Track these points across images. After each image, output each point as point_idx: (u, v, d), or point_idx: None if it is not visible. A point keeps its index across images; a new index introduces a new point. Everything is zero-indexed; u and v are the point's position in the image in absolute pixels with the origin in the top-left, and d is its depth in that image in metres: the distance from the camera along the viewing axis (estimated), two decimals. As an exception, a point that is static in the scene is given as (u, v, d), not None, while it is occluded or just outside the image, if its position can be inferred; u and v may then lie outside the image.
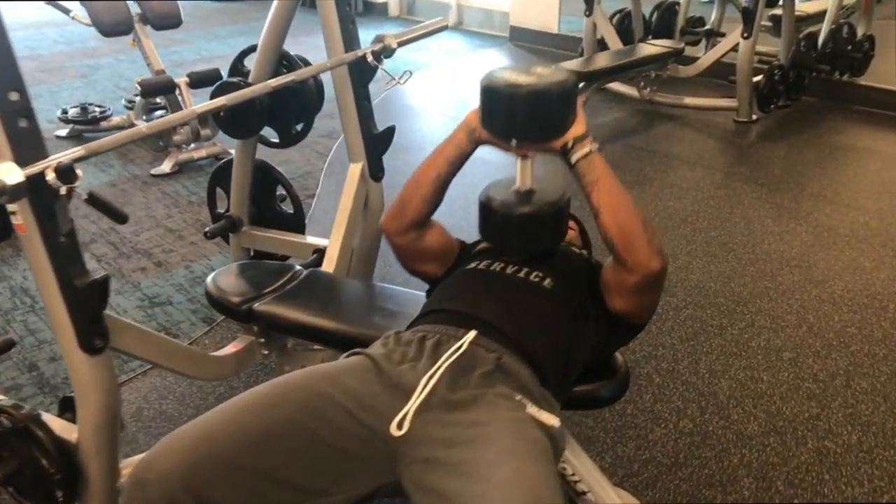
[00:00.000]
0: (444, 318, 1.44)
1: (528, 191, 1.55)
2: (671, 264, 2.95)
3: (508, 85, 1.39)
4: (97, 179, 3.94)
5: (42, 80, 5.80)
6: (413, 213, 1.58)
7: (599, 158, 1.45)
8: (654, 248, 1.40)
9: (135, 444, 2.10)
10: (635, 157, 4.16)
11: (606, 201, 1.44)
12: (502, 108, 1.43)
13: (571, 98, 1.43)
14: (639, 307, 1.51)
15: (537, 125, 1.43)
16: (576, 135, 1.44)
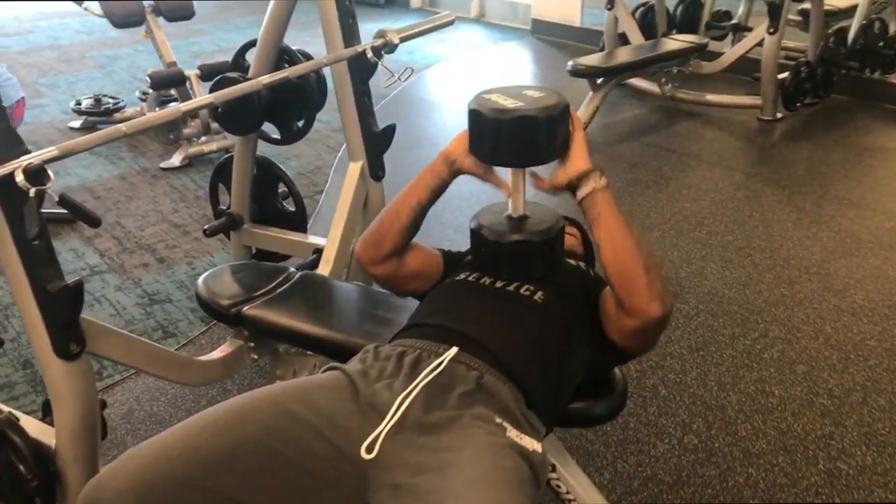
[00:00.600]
0: (426, 333, 1.38)
1: (520, 217, 1.49)
2: (684, 269, 2.87)
3: (495, 110, 1.35)
4: (107, 172, 3.92)
5: (61, 70, 5.81)
6: (391, 242, 1.52)
7: (603, 195, 1.37)
8: (655, 294, 1.31)
9: (122, 448, 2.06)
10: (653, 156, 4.05)
11: (606, 239, 1.36)
12: (488, 134, 1.39)
13: (560, 124, 1.37)
14: (636, 348, 1.45)
15: (523, 152, 1.38)
16: (578, 172, 1.38)
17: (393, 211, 1.51)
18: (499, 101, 1.37)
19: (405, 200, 1.50)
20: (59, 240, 3.21)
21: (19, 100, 3.12)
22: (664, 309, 1.32)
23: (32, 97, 5.19)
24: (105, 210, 3.49)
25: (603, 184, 1.37)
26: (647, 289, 1.31)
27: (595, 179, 1.37)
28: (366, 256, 1.56)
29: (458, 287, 1.51)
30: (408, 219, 1.50)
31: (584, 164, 1.38)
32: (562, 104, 1.36)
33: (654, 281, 1.32)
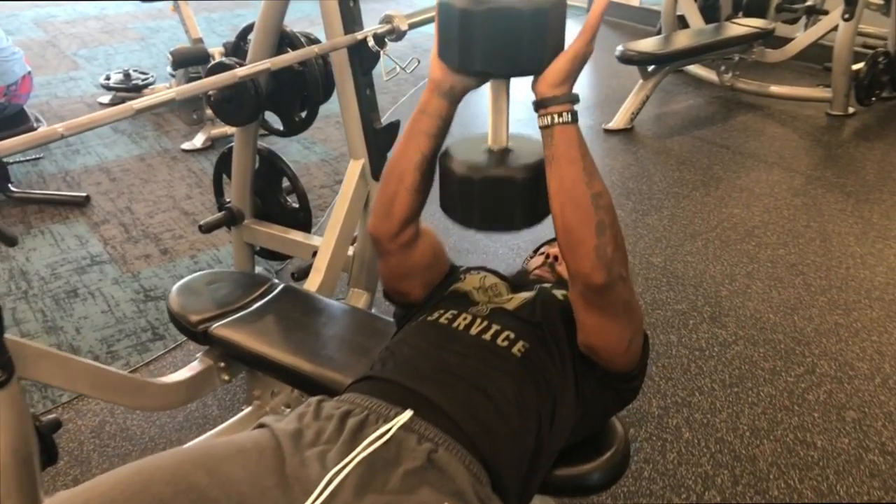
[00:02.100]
0: (380, 390, 1.17)
1: (501, 150, 1.21)
2: (726, 287, 2.58)
3: (473, 2, 1.05)
4: (127, 152, 3.80)
5: (102, 41, 5.73)
6: (403, 208, 1.26)
7: (563, 133, 1.10)
8: (603, 261, 1.09)
9: (86, 466, 1.91)
10: (705, 153, 3.71)
11: (557, 187, 1.11)
12: (456, 31, 1.09)
13: (552, 24, 1.08)
14: (598, 336, 1.20)
15: (500, 56, 1.08)
16: (541, 94, 1.11)
17: (396, 174, 1.25)
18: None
19: (405, 157, 1.23)
20: (66, 224, 3.09)
21: (25, 75, 2.99)
22: (608, 278, 1.10)
23: (70, 69, 5.13)
24: (118, 194, 3.36)
25: (565, 119, 1.10)
26: (593, 252, 1.08)
27: (558, 110, 1.10)
28: (380, 230, 1.29)
29: (426, 331, 1.29)
30: (415, 178, 1.23)
31: (548, 87, 1.10)
32: (559, 2, 1.07)
33: (604, 245, 1.09)
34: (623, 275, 1.14)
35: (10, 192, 3.23)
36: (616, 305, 1.17)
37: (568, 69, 1.10)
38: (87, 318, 2.49)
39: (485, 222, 1.21)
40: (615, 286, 1.13)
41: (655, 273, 2.69)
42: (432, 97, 1.21)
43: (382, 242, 1.32)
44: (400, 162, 1.25)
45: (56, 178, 3.52)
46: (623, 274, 1.14)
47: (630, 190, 3.34)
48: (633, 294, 1.24)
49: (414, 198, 1.26)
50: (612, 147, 3.82)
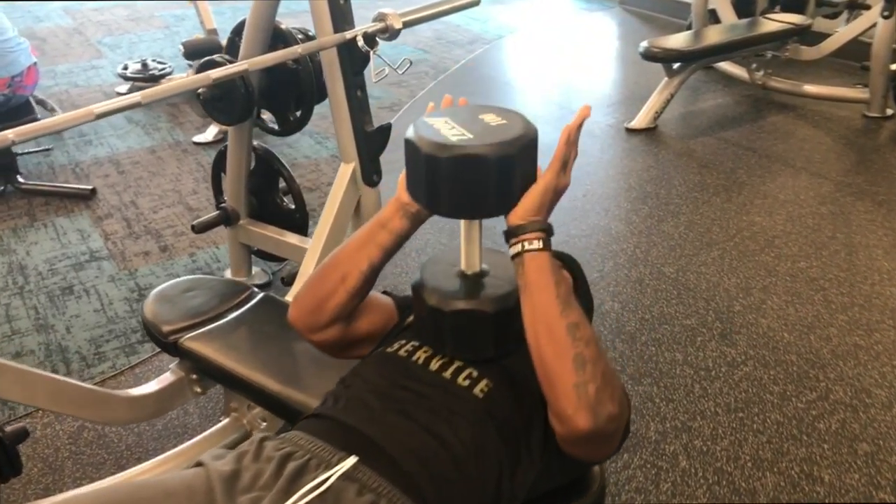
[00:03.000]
0: (326, 430, 1.09)
1: (475, 274, 1.16)
2: (739, 302, 2.45)
3: (432, 143, 1.01)
4: (139, 143, 3.77)
5: (127, 29, 5.74)
6: (336, 308, 1.20)
7: (534, 260, 1.04)
8: (584, 401, 0.97)
9: (59, 474, 1.87)
10: (729, 156, 3.55)
11: (529, 317, 1.04)
12: (422, 176, 1.05)
13: (519, 167, 1.03)
14: (585, 457, 1.11)
15: (465, 202, 1.05)
16: (514, 222, 1.05)
17: (337, 273, 1.19)
18: (441, 131, 1.04)
19: (353, 261, 1.18)
20: (70, 218, 3.06)
21: (31, 66, 2.96)
22: (594, 423, 0.98)
23: (93, 57, 5.13)
24: (125, 187, 3.33)
25: (536, 246, 1.03)
26: (573, 392, 0.98)
27: (527, 238, 1.03)
28: (301, 323, 1.23)
29: (383, 364, 1.20)
30: (356, 283, 1.18)
31: (518, 219, 1.04)
32: (523, 140, 1.02)
33: (585, 383, 0.98)
34: (613, 413, 1.01)
35: (19, 184, 3.22)
36: (602, 442, 1.06)
37: (538, 203, 1.05)
38: (79, 316, 2.45)
39: (456, 353, 1.15)
40: (603, 430, 1.00)
41: (666, 284, 2.57)
42: (396, 216, 1.17)
43: (304, 334, 1.26)
44: (346, 263, 1.19)
45: (66, 169, 3.50)
46: (613, 412, 1.00)
47: (647, 194, 3.20)
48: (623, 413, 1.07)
49: (351, 301, 1.20)
50: (632, 147, 3.68)
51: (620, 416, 1.03)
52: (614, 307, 2.46)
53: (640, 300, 2.49)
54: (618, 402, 1.01)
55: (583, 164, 3.49)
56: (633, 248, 2.79)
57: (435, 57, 5.07)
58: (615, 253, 2.76)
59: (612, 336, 2.32)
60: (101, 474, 1.87)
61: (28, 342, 2.34)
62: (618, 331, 2.35)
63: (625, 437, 1.16)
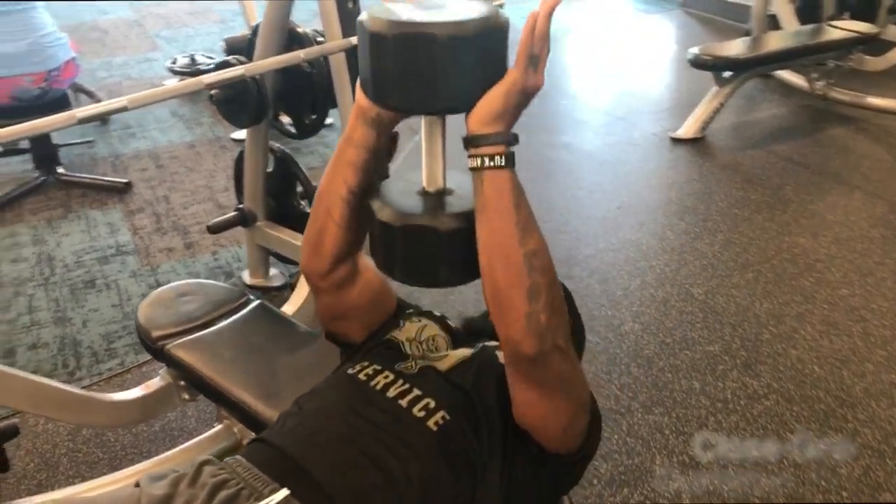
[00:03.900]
0: (265, 459, 1.05)
1: (437, 192, 1.05)
2: (769, 330, 2.31)
3: (384, 22, 0.90)
4: (179, 138, 3.82)
5: (185, 22, 5.83)
6: (333, 244, 1.12)
7: (494, 178, 0.95)
8: (534, 328, 0.94)
9: (54, 471, 1.88)
10: (777, 170, 3.37)
11: (486, 240, 0.96)
12: (366, 61, 0.95)
13: (483, 53, 0.92)
14: (532, 412, 1.04)
15: (416, 95, 0.93)
16: (473, 129, 0.94)
17: (322, 206, 1.11)
18: (395, 10, 0.93)
19: (332, 190, 1.09)
20: (103, 211, 3.11)
21: (69, 60, 3.01)
22: (539, 346, 0.95)
23: (148, 50, 5.24)
24: (160, 181, 3.37)
25: (497, 162, 0.94)
26: (524, 319, 0.94)
27: (488, 151, 0.94)
28: (310, 267, 1.17)
29: (342, 386, 1.16)
30: (341, 212, 1.09)
31: (478, 124, 0.94)
32: (484, 24, 0.90)
33: (536, 312, 0.94)
34: (560, 345, 0.98)
35: (59, 175, 3.29)
36: (551, 380, 1.01)
37: (502, 104, 0.94)
38: (97, 310, 2.48)
39: (405, 275, 1.06)
40: (549, 358, 0.97)
41: (692, 307, 2.44)
42: (357, 125, 1.06)
43: (313, 280, 1.19)
44: (326, 194, 1.11)
45: (106, 161, 3.56)
46: (560, 344, 0.98)
47: (686, 208, 3.06)
48: (576, 368, 1.07)
49: (344, 234, 1.11)
50: (676, 158, 3.53)
51: (568, 354, 1.00)
52: (634, 328, 2.35)
53: (663, 322, 2.38)
54: (564, 338, 0.99)
55: (621, 173, 3.38)
56: (662, 266, 2.67)
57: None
58: (643, 270, 2.65)
59: (629, 360, 2.22)
60: (94, 473, 1.87)
61: (44, 334, 2.37)
62: (635, 354, 2.24)
63: (592, 436, 1.13)
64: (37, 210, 3.12)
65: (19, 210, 3.12)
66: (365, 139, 1.05)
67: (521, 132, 0.96)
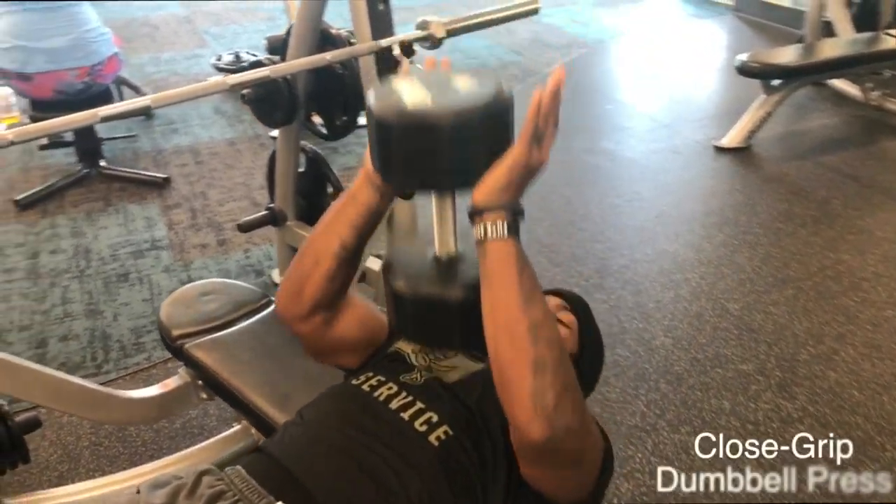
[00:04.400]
0: (263, 471, 1.04)
1: (448, 258, 1.05)
2: (807, 350, 2.23)
3: (390, 108, 0.91)
4: (220, 134, 3.85)
5: (234, 19, 5.91)
6: (315, 293, 1.12)
7: (498, 249, 0.93)
8: (541, 409, 0.88)
9: (75, 463, 1.90)
10: (825, 183, 3.25)
11: (488, 311, 0.94)
12: (375, 140, 0.95)
13: (478, 138, 0.91)
14: (540, 484, 1.00)
15: (422, 177, 0.95)
16: (477, 200, 0.93)
17: (311, 255, 1.11)
18: (401, 93, 0.94)
19: (325, 241, 1.09)
20: (142, 205, 3.16)
21: (111, 56, 3.06)
22: (549, 433, 0.88)
23: (196, 46, 5.32)
24: (199, 177, 3.40)
25: (499, 231, 0.92)
26: (529, 399, 0.88)
27: (491, 223, 0.92)
28: (284, 310, 1.16)
29: (344, 397, 1.14)
30: (330, 265, 1.09)
31: (482, 196, 0.93)
32: (487, 107, 0.91)
33: (543, 390, 0.88)
34: (572, 426, 0.92)
35: (101, 168, 3.35)
36: (562, 464, 0.97)
37: (505, 179, 0.93)
38: (128, 304, 2.51)
39: (419, 338, 1.08)
40: (561, 443, 0.91)
41: (727, 323, 2.36)
42: (364, 185, 1.06)
43: (290, 324, 1.18)
44: (318, 243, 1.11)
45: (148, 156, 3.62)
46: (572, 426, 0.92)
47: (726, 220, 2.98)
48: (589, 436, 1.00)
49: (328, 286, 1.11)
50: (718, 168, 3.44)
51: (582, 432, 0.94)
52: (665, 343, 2.28)
53: (696, 338, 2.30)
54: (579, 415, 0.93)
55: (661, 182, 3.30)
56: (698, 279, 2.59)
57: (527, 59, 4.94)
58: (678, 283, 2.58)
59: (658, 376, 2.15)
60: (114, 468, 1.89)
61: (76, 326, 2.41)
62: (664, 370, 2.17)
63: (604, 475, 1.06)
64: (78, 202, 3.18)
65: (61, 202, 3.18)
66: (369, 202, 1.06)
67: (560, 136, 0.95)
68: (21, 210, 3.09)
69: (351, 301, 1.18)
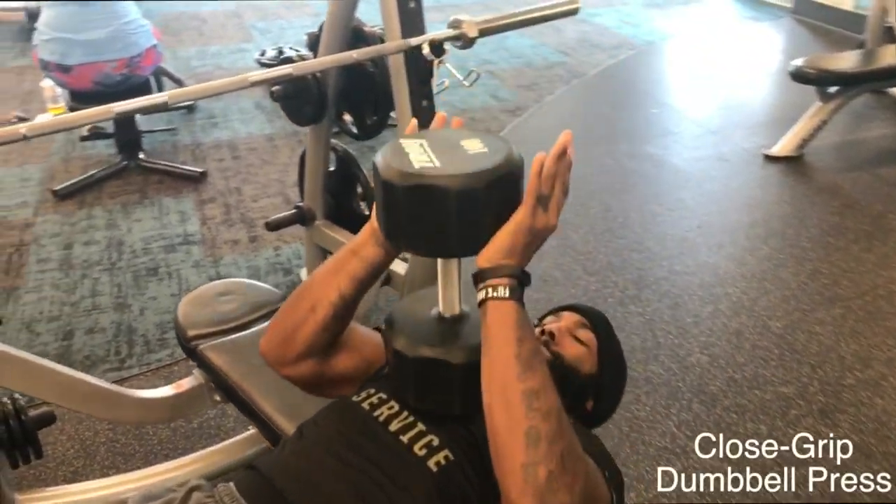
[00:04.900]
0: (254, 490, 1.00)
1: (453, 318, 1.02)
2: (853, 374, 2.13)
3: (392, 169, 0.89)
4: (259, 129, 3.85)
5: (281, 15, 5.92)
6: (306, 341, 1.08)
7: (497, 312, 0.90)
8: (532, 484, 0.83)
9: (91, 459, 1.90)
10: (881, 196, 3.09)
11: (486, 375, 0.90)
12: (381, 202, 0.94)
13: (485, 205, 0.89)
14: None
15: (427, 239, 0.92)
16: (481, 265, 0.91)
17: (307, 303, 1.06)
18: (409, 155, 0.91)
19: (323, 291, 1.05)
20: (177, 199, 3.16)
21: (150, 48, 3.06)
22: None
23: (242, 41, 5.34)
24: (235, 172, 3.40)
25: (500, 294, 0.89)
26: (520, 471, 0.84)
27: (493, 283, 0.89)
28: (270, 354, 1.12)
29: (344, 415, 1.09)
30: (326, 315, 1.05)
31: (486, 261, 0.90)
32: (495, 172, 0.88)
33: (535, 464, 0.83)
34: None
35: (139, 161, 3.37)
36: None
37: (508, 243, 0.90)
38: (156, 299, 2.51)
39: (420, 402, 1.02)
40: None
41: (768, 342, 2.25)
42: (368, 243, 1.03)
43: (276, 367, 1.13)
44: (316, 292, 1.06)
45: (187, 149, 3.63)
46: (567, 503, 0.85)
47: (773, 232, 2.85)
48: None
49: (321, 336, 1.07)
50: (767, 177, 3.30)
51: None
52: (701, 361, 2.18)
53: (734, 357, 2.20)
54: (577, 495, 0.85)
55: (705, 191, 3.18)
56: (739, 294, 2.48)
57: (574, 60, 4.83)
58: (717, 297, 2.46)
59: (691, 395, 2.06)
60: (129, 466, 1.87)
61: (103, 319, 2.41)
62: (698, 389, 2.08)
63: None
64: (115, 194, 3.19)
65: (99, 193, 3.20)
66: (373, 258, 1.03)
67: (602, 141, 0.91)
68: (59, 200, 3.12)
69: (344, 336, 1.13)
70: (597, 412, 1.23)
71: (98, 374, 2.17)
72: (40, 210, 3.07)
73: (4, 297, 2.51)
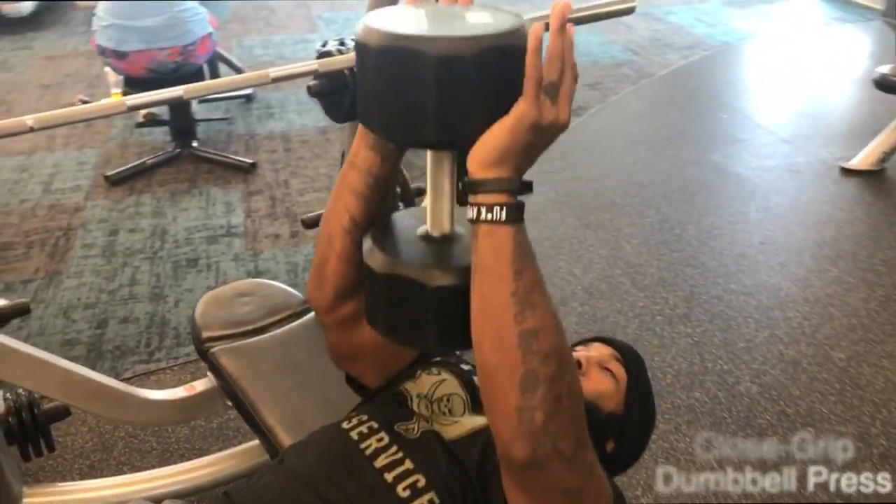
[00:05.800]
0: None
1: (441, 237, 0.87)
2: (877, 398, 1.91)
3: (371, 31, 0.73)
4: (313, 122, 3.81)
5: (349, 5, 5.89)
6: (336, 278, 0.98)
7: (491, 236, 0.76)
8: (525, 427, 0.75)
9: (108, 454, 1.88)
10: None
11: (476, 309, 0.78)
12: (364, 77, 0.77)
13: (475, 80, 0.71)
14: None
15: (398, 116, 0.75)
16: (472, 173, 0.76)
17: (325, 235, 0.98)
18: (399, 19, 0.75)
19: (334, 218, 0.95)
20: (225, 189, 3.15)
21: (205, 36, 3.05)
22: (531, 454, 0.76)
23: (307, 31, 5.34)
24: (284, 165, 3.36)
25: (495, 216, 0.75)
26: (514, 415, 0.75)
27: (486, 200, 0.75)
28: (314, 299, 1.04)
29: (331, 443, 1.02)
30: (344, 243, 0.95)
31: (476, 166, 0.75)
32: (493, 41, 0.70)
33: (531, 409, 0.75)
34: (564, 452, 0.78)
35: (192, 149, 3.37)
36: (549, 490, 0.82)
37: (506, 142, 0.74)
38: (192, 291, 2.49)
39: (388, 331, 0.89)
40: (546, 467, 0.78)
41: (829, 374, 2.07)
42: (361, 147, 0.92)
43: (318, 314, 1.06)
44: (329, 220, 0.97)
45: (241, 139, 3.62)
46: (564, 451, 0.78)
47: (842, 253, 2.64)
48: (590, 478, 0.84)
49: (347, 268, 0.97)
50: (842, 192, 3.08)
51: (576, 462, 0.79)
52: (751, 390, 2.03)
53: (788, 388, 2.03)
54: (572, 441, 0.78)
55: (771, 204, 2.99)
56: (800, 319, 2.30)
57: (643, 59, 4.64)
58: (775, 321, 2.29)
59: (736, 427, 1.91)
60: (144, 464, 1.85)
61: (137, 309, 2.40)
62: (745, 422, 1.92)
63: None
64: (164, 182, 3.20)
65: (150, 180, 3.22)
66: (368, 164, 0.91)
67: (665, 146, 0.77)
68: (110, 186, 3.15)
69: None
70: (616, 456, 1.12)
71: (126, 364, 2.16)
72: (91, 195, 3.10)
73: (46, 282, 2.53)
